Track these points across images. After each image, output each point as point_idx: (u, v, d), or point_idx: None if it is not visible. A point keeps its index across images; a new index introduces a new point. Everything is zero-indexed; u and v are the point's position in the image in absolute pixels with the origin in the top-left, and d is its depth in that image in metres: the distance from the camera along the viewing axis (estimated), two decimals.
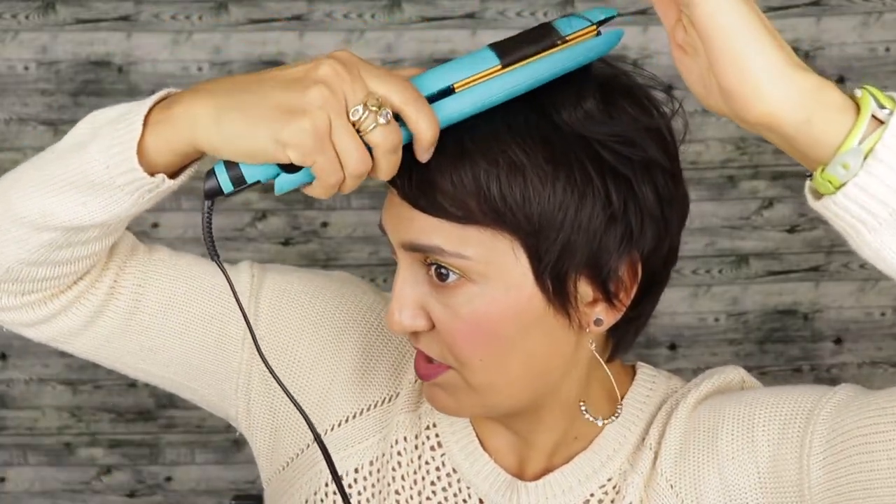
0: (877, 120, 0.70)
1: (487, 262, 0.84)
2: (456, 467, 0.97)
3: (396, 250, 0.87)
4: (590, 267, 0.86)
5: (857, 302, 1.86)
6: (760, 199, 1.82)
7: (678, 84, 0.87)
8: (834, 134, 0.71)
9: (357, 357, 1.01)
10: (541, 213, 0.83)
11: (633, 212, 0.85)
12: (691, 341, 1.88)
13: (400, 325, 0.86)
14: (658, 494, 0.91)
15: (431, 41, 1.78)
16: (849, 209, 0.72)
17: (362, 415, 1.02)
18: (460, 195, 0.82)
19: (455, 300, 0.85)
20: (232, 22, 1.78)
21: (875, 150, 0.69)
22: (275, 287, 1.01)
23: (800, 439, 0.86)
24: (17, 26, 1.78)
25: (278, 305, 1.00)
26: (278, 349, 1.00)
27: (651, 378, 0.96)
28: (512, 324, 0.86)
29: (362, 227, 1.83)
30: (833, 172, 0.71)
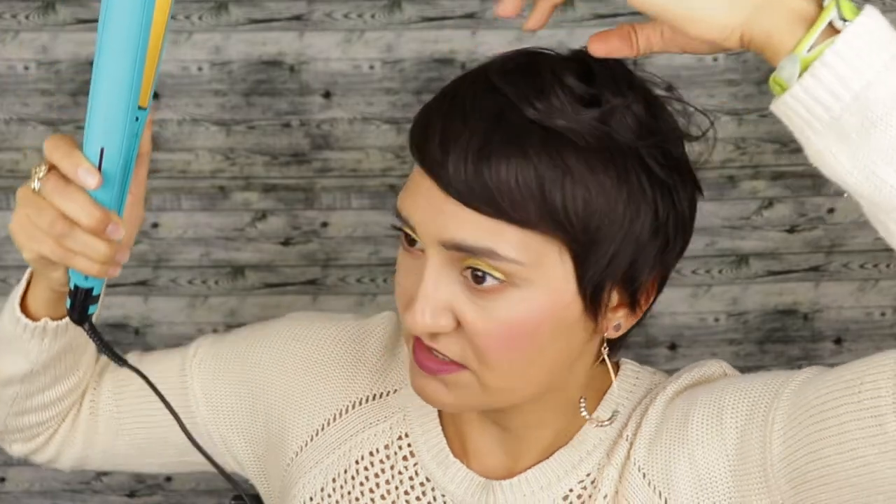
0: (834, 29, 0.72)
1: (536, 268, 0.83)
2: (429, 476, 0.97)
3: (428, 246, 0.85)
4: (626, 276, 0.86)
5: (857, 302, 1.86)
6: (760, 199, 1.82)
7: (677, 84, 0.88)
8: (789, 41, 0.73)
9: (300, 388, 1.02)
10: (598, 224, 0.83)
11: (671, 224, 0.86)
12: (691, 341, 1.87)
13: (423, 325, 0.84)
14: (631, 483, 0.91)
15: (431, 41, 1.78)
16: (795, 110, 0.74)
17: (318, 435, 1.02)
18: (522, 199, 0.81)
19: (493, 303, 0.84)
20: (232, 22, 1.78)
21: (823, 54, 0.71)
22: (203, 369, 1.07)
23: (763, 418, 0.86)
24: (17, 26, 1.78)
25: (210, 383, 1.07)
26: (224, 413, 1.06)
27: (635, 374, 0.96)
28: (547, 329, 0.85)
29: (362, 227, 1.83)
30: (781, 76, 0.74)
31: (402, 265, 0.88)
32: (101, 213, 0.81)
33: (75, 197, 0.81)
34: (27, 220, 0.83)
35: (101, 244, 0.83)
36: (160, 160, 1.82)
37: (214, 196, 1.83)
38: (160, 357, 1.10)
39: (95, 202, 0.81)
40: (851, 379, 0.81)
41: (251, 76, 1.80)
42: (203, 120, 1.81)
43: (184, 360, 1.08)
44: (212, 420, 1.07)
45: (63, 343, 0.97)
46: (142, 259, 1.85)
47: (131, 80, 0.76)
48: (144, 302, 1.87)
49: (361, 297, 1.86)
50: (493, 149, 0.80)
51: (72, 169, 0.80)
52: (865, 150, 0.71)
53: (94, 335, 0.90)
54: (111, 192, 0.81)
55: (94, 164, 0.80)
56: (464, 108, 0.83)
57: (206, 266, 1.86)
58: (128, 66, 0.75)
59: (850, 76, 0.70)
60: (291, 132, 1.81)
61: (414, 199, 0.85)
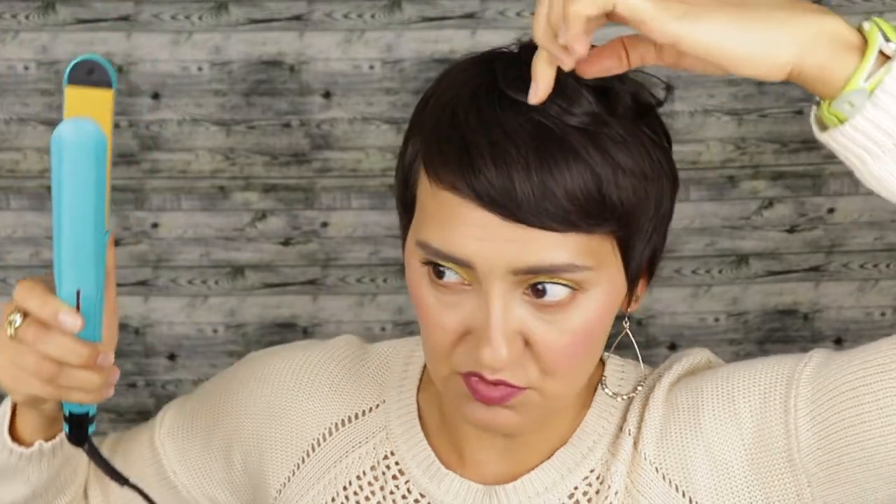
0: (884, 55, 0.72)
1: (601, 268, 0.83)
2: (423, 492, 0.96)
3: (492, 278, 0.81)
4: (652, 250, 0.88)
5: (857, 302, 1.86)
6: (760, 199, 1.82)
7: (676, 84, 0.88)
8: (841, 73, 0.73)
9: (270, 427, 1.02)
10: (642, 211, 0.84)
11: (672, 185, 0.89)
12: (691, 341, 1.87)
13: (504, 361, 0.81)
14: (643, 479, 0.91)
15: (431, 41, 1.78)
16: (855, 140, 0.74)
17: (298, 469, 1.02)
18: (588, 205, 0.80)
19: (563, 315, 0.82)
20: (232, 22, 1.78)
21: (883, 81, 0.71)
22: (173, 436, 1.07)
23: (783, 405, 0.87)
24: (17, 26, 1.78)
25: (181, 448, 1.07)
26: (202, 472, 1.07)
27: (620, 367, 0.97)
28: (606, 324, 0.86)
29: (362, 227, 1.83)
30: (839, 109, 0.73)
31: (434, 301, 0.84)
32: (88, 350, 0.82)
33: (60, 341, 0.81)
34: (10, 365, 0.82)
35: (94, 375, 0.84)
36: (160, 160, 1.82)
37: (214, 196, 1.83)
38: (132, 437, 1.10)
39: (80, 340, 0.81)
40: (884, 362, 0.82)
41: (251, 76, 1.80)
42: (203, 120, 1.81)
43: (153, 434, 1.09)
44: (193, 483, 1.06)
45: (61, 458, 0.97)
46: (142, 259, 1.85)
47: (95, 227, 0.76)
48: (144, 302, 1.87)
49: (361, 297, 1.86)
50: (551, 162, 0.78)
51: (51, 317, 0.80)
52: None
53: (94, 456, 0.91)
54: (95, 324, 0.82)
55: (72, 305, 0.80)
56: (500, 127, 0.80)
57: (206, 266, 1.86)
58: (89, 217, 0.75)
59: None
60: (291, 132, 1.81)
61: (462, 233, 0.81)
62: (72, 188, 0.74)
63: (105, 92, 0.78)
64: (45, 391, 0.83)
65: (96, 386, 0.84)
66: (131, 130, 1.82)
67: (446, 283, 0.83)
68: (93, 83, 0.77)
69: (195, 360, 1.90)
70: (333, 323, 1.87)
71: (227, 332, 1.87)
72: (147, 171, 1.83)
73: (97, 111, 0.77)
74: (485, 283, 0.81)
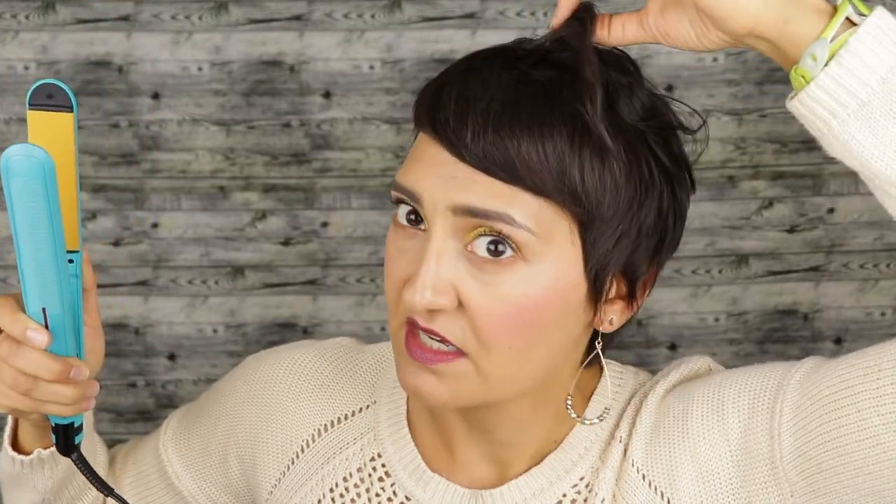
0: (851, 22, 0.75)
1: (548, 241, 0.82)
2: (409, 495, 0.95)
3: (435, 215, 0.82)
4: (627, 265, 0.86)
5: (857, 302, 1.86)
6: (760, 199, 1.82)
7: (677, 84, 0.88)
8: (809, 32, 0.75)
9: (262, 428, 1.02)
10: (610, 201, 0.82)
11: (672, 215, 0.86)
12: (691, 341, 1.87)
13: (423, 303, 0.82)
14: (630, 486, 0.90)
15: (431, 41, 1.78)
16: (820, 100, 0.75)
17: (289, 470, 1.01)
18: (540, 169, 0.80)
19: (501, 279, 0.82)
20: (232, 22, 1.78)
21: (848, 42, 0.73)
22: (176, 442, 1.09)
23: (769, 411, 0.86)
24: (17, 26, 1.78)
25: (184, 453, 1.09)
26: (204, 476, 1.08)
27: (619, 374, 0.95)
28: (552, 312, 0.84)
29: (362, 227, 1.83)
30: (804, 65, 0.75)
31: (395, 247, 0.86)
32: (59, 365, 0.84)
33: (30, 356, 0.84)
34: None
35: (68, 389, 0.86)
36: (160, 160, 1.82)
37: (214, 196, 1.83)
38: (141, 445, 1.12)
39: (51, 355, 0.84)
40: (868, 366, 0.81)
41: (251, 76, 1.79)
42: (203, 120, 1.81)
43: (157, 442, 1.10)
44: (196, 487, 1.07)
45: (65, 465, 0.98)
46: (142, 259, 1.85)
47: (53, 248, 0.78)
48: (144, 302, 1.87)
49: (361, 297, 1.86)
50: (514, 117, 0.80)
51: (20, 333, 0.83)
52: (893, 132, 0.72)
53: (81, 465, 0.92)
54: (66, 340, 0.84)
55: (40, 322, 0.82)
56: (481, 78, 0.83)
57: (206, 266, 1.86)
58: (45, 239, 0.77)
59: (875, 62, 0.72)
60: (291, 132, 1.81)
61: (420, 168, 0.83)
62: (23, 212, 0.75)
63: (65, 115, 0.80)
64: (24, 404, 0.86)
65: (71, 399, 0.86)
66: (131, 130, 1.82)
67: (408, 228, 0.85)
68: (53, 107, 0.80)
69: (195, 360, 1.90)
70: (333, 323, 1.87)
71: (227, 332, 1.87)
72: (147, 171, 1.83)
73: (59, 134, 0.80)
74: (429, 223, 0.82)
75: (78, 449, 0.92)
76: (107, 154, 1.83)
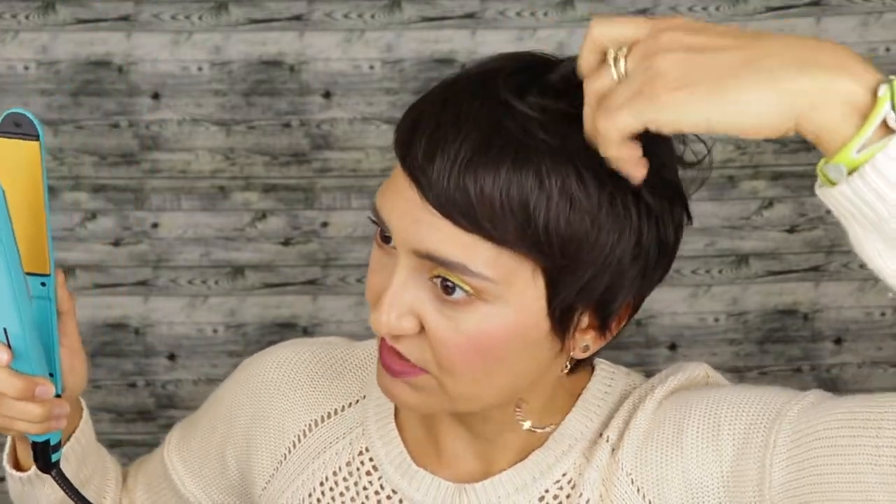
0: (887, 126, 0.68)
1: (508, 285, 0.81)
2: (395, 488, 0.95)
3: (401, 251, 0.82)
4: (600, 301, 0.84)
5: (857, 302, 1.86)
6: (760, 199, 1.82)
7: None
8: (839, 139, 0.70)
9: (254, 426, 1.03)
10: (578, 248, 0.80)
11: (653, 250, 0.84)
12: (691, 341, 1.87)
13: (387, 326, 0.82)
14: (618, 489, 0.89)
15: (431, 41, 1.78)
16: (841, 204, 0.71)
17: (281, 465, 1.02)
18: (503, 216, 0.78)
19: (460, 315, 0.81)
20: (232, 22, 1.78)
21: (875, 158, 0.68)
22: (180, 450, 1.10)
23: (764, 439, 0.84)
24: (17, 26, 1.78)
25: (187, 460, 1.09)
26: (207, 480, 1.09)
27: (609, 374, 0.94)
28: (512, 345, 0.83)
29: (362, 227, 1.83)
30: (827, 172, 0.71)
31: (374, 260, 0.86)
32: (22, 383, 0.85)
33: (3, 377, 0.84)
34: None
35: (34, 407, 0.87)
36: (160, 160, 1.82)
37: (214, 196, 1.83)
38: (150, 458, 1.15)
39: (14, 373, 0.85)
40: (871, 419, 0.79)
41: (251, 76, 1.79)
42: (203, 120, 1.81)
43: (163, 453, 1.12)
44: (201, 492, 1.08)
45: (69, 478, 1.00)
46: (142, 259, 1.85)
47: (7, 271, 0.79)
48: (144, 302, 1.87)
49: (361, 296, 1.86)
50: (482, 161, 0.77)
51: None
52: None
53: (61, 482, 0.94)
54: (30, 359, 0.85)
55: (2, 340, 0.84)
56: (458, 112, 0.80)
57: (206, 266, 1.86)
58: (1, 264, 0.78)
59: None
60: (291, 132, 1.81)
61: (392, 202, 0.82)
62: None
63: (32, 143, 0.82)
64: None
65: (38, 417, 0.87)
66: (131, 130, 1.82)
67: (385, 247, 0.85)
68: (20, 135, 0.82)
69: (195, 360, 1.90)
70: (333, 323, 1.87)
71: (227, 332, 1.87)
72: (147, 171, 1.83)
73: (25, 161, 0.82)
74: (398, 252, 0.83)
75: (57, 466, 0.93)
76: (107, 154, 1.83)
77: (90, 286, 1.88)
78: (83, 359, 0.95)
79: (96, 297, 1.87)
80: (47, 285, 0.86)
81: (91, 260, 1.87)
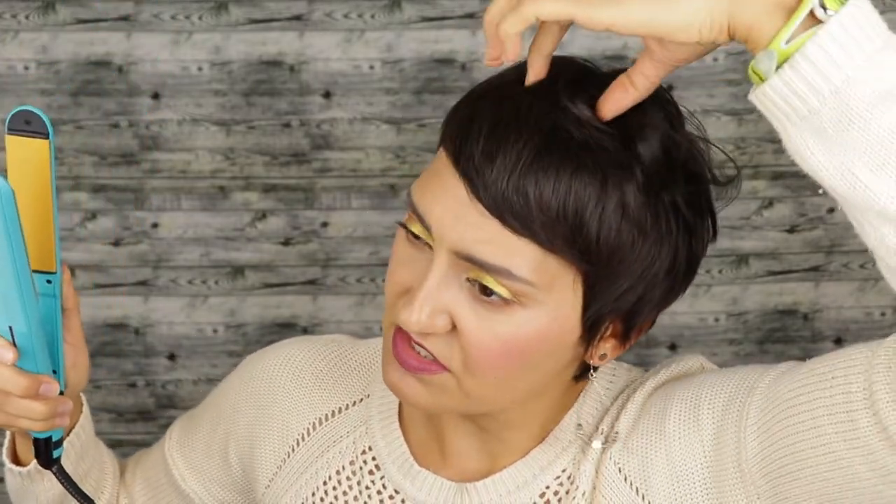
0: (815, 18, 0.70)
1: (549, 290, 0.80)
2: (398, 488, 0.95)
3: (440, 248, 0.81)
4: (628, 312, 0.85)
5: (857, 302, 1.86)
6: (760, 199, 1.82)
7: (676, 84, 0.87)
8: (768, 32, 0.71)
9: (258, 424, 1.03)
10: (622, 258, 0.80)
11: (683, 265, 0.84)
12: (691, 341, 1.87)
13: (419, 325, 0.81)
14: (608, 479, 0.90)
15: (431, 41, 1.78)
16: (773, 101, 0.72)
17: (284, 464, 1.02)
18: (556, 221, 0.78)
19: (496, 317, 0.81)
20: (232, 22, 1.78)
21: (804, 46, 0.69)
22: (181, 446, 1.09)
23: (739, 412, 0.85)
24: (17, 26, 1.78)
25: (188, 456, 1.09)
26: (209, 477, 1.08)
27: (611, 371, 0.95)
28: (543, 350, 0.83)
29: (362, 227, 1.83)
30: (758, 67, 0.72)
31: (400, 253, 0.85)
32: (27, 381, 0.85)
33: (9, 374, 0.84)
34: None
35: (38, 405, 0.86)
36: (160, 160, 1.82)
37: (214, 196, 1.83)
38: (149, 453, 1.14)
39: (20, 371, 0.85)
40: (824, 372, 0.80)
41: (251, 76, 1.80)
42: (203, 120, 1.81)
43: (163, 449, 1.11)
44: (202, 488, 1.08)
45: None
46: (142, 259, 1.85)
47: (14, 269, 0.79)
48: (144, 302, 1.87)
49: (361, 297, 1.86)
50: (543, 164, 0.77)
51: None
52: (841, 146, 0.69)
53: (61, 478, 0.94)
54: (35, 357, 0.85)
55: (8, 339, 0.83)
56: (517, 113, 0.79)
57: (206, 266, 1.86)
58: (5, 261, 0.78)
59: (830, 70, 0.68)
60: (291, 132, 1.81)
61: (433, 193, 0.81)
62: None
63: (41, 141, 0.82)
64: None
65: (41, 415, 0.87)
66: (131, 130, 1.82)
67: (415, 242, 0.84)
68: (30, 132, 0.82)
69: (195, 360, 1.90)
70: (333, 323, 1.87)
71: (227, 332, 1.87)
72: (147, 171, 1.83)
73: (34, 158, 0.82)
74: (435, 250, 0.82)
75: (58, 462, 0.94)
76: (107, 154, 1.83)
77: (90, 286, 1.88)
78: (86, 355, 0.95)
79: (96, 297, 1.88)
80: (53, 283, 0.86)
81: (91, 260, 1.87)
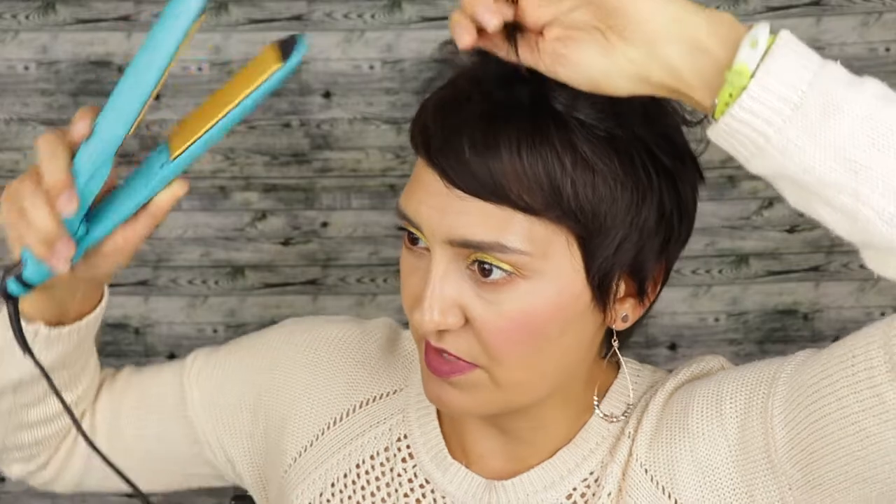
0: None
1: (545, 258, 0.82)
2: (428, 478, 0.96)
3: (434, 244, 0.83)
4: (633, 265, 0.86)
5: (857, 302, 1.86)
6: (760, 199, 1.82)
7: None
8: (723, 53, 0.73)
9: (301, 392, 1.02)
10: (606, 212, 0.82)
11: (675, 211, 0.86)
12: (691, 341, 1.88)
13: (431, 324, 0.83)
14: (634, 480, 0.91)
15: (431, 41, 1.78)
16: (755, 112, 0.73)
17: (317, 440, 1.02)
18: (529, 186, 0.80)
19: (501, 297, 0.83)
20: (232, 22, 1.78)
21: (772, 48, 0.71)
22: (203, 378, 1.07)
23: (763, 405, 0.86)
24: (17, 26, 1.78)
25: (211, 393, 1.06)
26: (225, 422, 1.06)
27: (636, 371, 0.96)
28: (558, 321, 0.84)
29: (362, 227, 1.83)
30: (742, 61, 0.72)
31: (406, 264, 0.88)
32: (64, 177, 0.80)
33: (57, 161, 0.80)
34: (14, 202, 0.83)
35: (48, 215, 0.81)
36: None
37: (214, 196, 1.83)
38: (156, 372, 1.10)
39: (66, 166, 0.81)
40: (843, 354, 0.81)
41: None
42: None
43: (182, 373, 1.09)
44: (212, 431, 1.07)
45: (54, 356, 0.97)
46: (142, 259, 1.85)
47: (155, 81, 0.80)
48: (144, 302, 1.87)
49: (361, 297, 1.86)
50: (498, 136, 0.79)
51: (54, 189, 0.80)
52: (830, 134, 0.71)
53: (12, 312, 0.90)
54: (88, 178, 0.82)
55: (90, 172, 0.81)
56: (469, 95, 0.82)
57: (206, 266, 1.86)
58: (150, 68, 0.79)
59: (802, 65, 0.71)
60: (291, 132, 1.81)
61: (417, 197, 0.84)
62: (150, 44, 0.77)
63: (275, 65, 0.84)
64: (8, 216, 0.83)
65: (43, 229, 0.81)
66: None
67: (414, 249, 0.86)
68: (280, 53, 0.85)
69: None
70: None
71: (227, 332, 1.87)
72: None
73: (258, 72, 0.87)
74: (431, 248, 0.83)
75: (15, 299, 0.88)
76: None
77: None
78: (119, 263, 0.89)
79: None
80: (164, 167, 0.85)
81: None
